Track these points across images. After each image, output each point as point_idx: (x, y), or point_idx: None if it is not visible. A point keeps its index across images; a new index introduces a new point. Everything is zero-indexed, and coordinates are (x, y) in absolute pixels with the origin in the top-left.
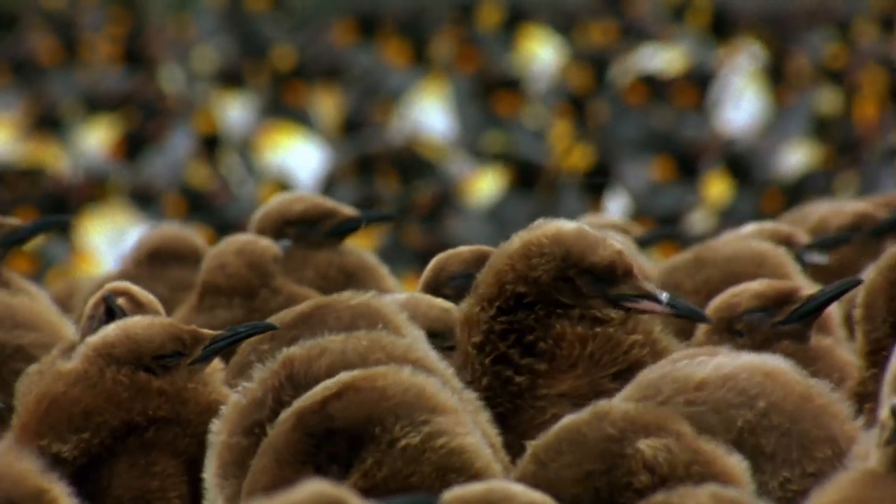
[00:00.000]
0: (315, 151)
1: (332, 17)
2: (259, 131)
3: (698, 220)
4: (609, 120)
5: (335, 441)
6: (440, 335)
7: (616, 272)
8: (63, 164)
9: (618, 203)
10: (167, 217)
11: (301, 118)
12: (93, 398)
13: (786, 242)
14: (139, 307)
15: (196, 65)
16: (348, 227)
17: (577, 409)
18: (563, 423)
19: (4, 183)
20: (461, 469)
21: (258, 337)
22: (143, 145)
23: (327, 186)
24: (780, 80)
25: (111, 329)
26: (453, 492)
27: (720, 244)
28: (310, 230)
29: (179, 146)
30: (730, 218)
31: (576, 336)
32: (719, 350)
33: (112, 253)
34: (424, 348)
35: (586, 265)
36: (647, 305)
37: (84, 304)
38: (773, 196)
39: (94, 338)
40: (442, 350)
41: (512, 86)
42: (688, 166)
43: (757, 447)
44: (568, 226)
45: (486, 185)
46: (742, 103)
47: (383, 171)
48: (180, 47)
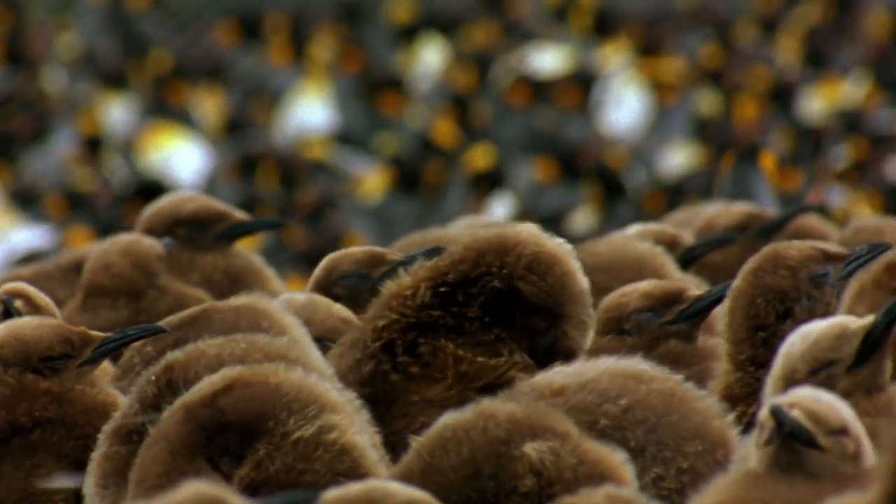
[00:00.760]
0: (197, 152)
1: (215, 18)
2: (141, 132)
3: (580, 221)
4: (492, 120)
5: (228, 434)
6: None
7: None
8: None
9: (502, 203)
10: (49, 218)
11: (183, 119)
12: None
13: (671, 243)
14: (36, 309)
15: (78, 65)
16: (240, 231)
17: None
18: (448, 422)
19: None
20: (352, 465)
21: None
22: (23, 146)
23: (209, 187)
24: (662, 82)
25: None
26: (333, 492)
27: (599, 245)
28: (200, 231)
29: (61, 147)
30: (612, 219)
31: (454, 355)
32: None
33: None
34: (305, 349)
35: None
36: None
37: None
38: (655, 197)
39: None
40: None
41: (395, 86)
42: (571, 167)
43: (622, 442)
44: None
45: (371, 186)
46: (624, 104)
47: (266, 172)
48: (62, 47)
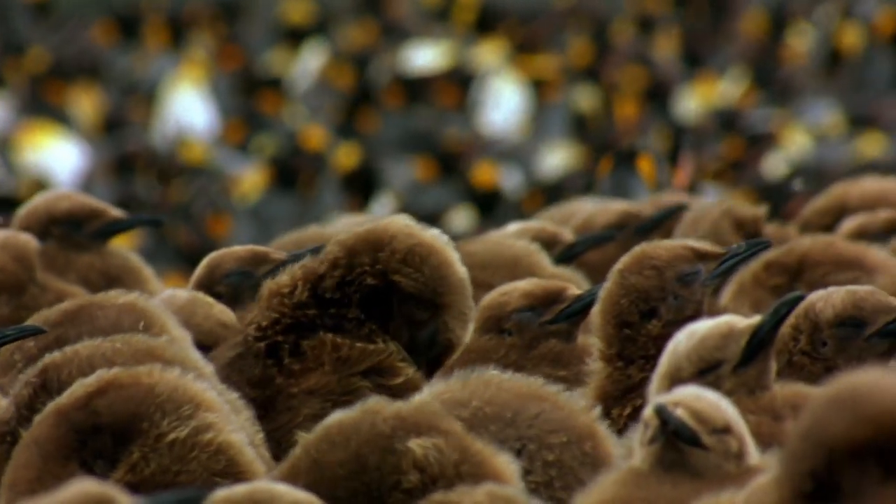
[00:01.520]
0: (74, 150)
1: (93, 16)
2: (18, 130)
3: (460, 219)
4: (371, 119)
5: (101, 436)
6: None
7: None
8: None
9: (381, 202)
10: None
11: (60, 117)
12: None
13: (551, 241)
14: None
15: None
16: (115, 229)
17: (329, 408)
18: (334, 420)
19: None
20: (228, 465)
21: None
22: None
23: (86, 185)
24: (540, 80)
25: None
26: (218, 493)
27: (475, 244)
28: (75, 229)
29: None
30: (492, 217)
31: (332, 343)
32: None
33: None
34: (184, 348)
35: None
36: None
37: None
38: (534, 195)
39: None
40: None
41: (274, 85)
42: (450, 166)
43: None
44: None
45: (248, 185)
46: (502, 103)
47: (143, 170)
48: None
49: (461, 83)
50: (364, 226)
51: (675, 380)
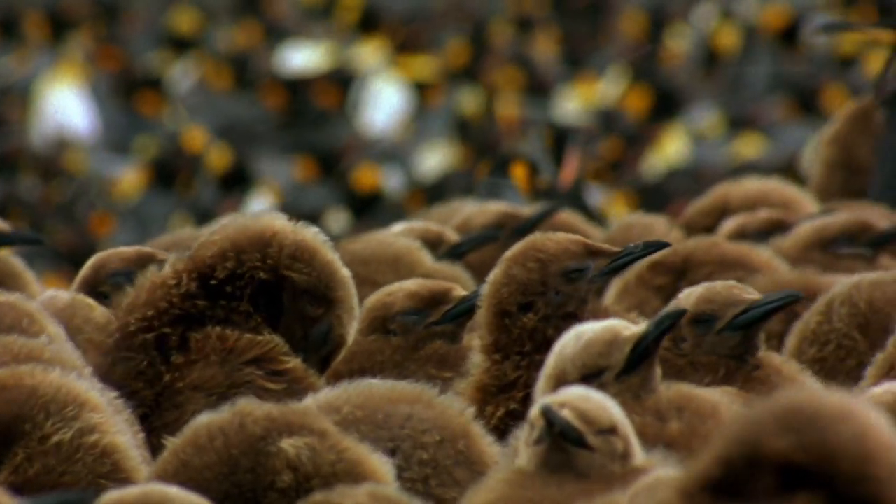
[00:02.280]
0: None
1: None
2: None
3: (339, 220)
4: (252, 119)
5: None
6: None
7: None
8: None
9: (260, 202)
10: None
11: None
12: None
13: (436, 241)
14: None
15: None
16: None
17: (215, 403)
18: (203, 421)
19: None
20: (113, 468)
21: None
22: None
23: None
24: (420, 80)
25: None
26: (110, 494)
27: (356, 243)
28: None
29: None
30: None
31: (219, 336)
32: None
33: None
34: (60, 348)
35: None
36: None
37: None
38: (416, 195)
39: None
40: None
41: (154, 85)
42: (330, 166)
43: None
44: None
45: (128, 185)
46: (382, 103)
47: (22, 170)
48: None
49: (342, 83)
50: (243, 223)
51: (561, 382)
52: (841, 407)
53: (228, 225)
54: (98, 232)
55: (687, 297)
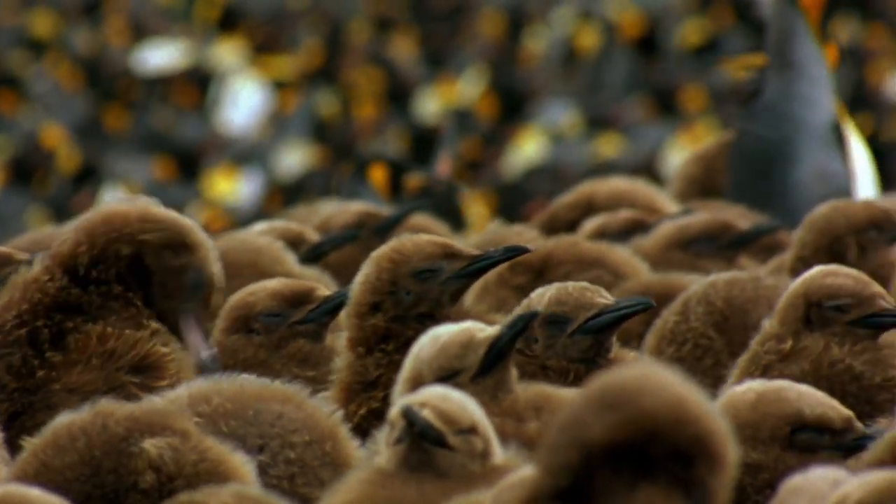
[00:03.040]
0: None
1: None
2: None
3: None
4: (106, 118)
5: None
6: None
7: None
8: None
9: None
10: None
11: None
12: None
13: (297, 240)
14: None
15: None
16: None
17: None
18: (63, 422)
19: None
20: None
21: None
22: None
23: None
24: (279, 80)
25: None
26: None
27: (217, 241)
28: None
29: None
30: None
31: (99, 336)
32: None
33: None
34: None
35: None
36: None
37: None
38: (274, 195)
39: None
40: None
41: (11, 84)
42: (188, 165)
43: (216, 433)
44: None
45: None
46: (240, 102)
47: None
48: None
49: (200, 82)
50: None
51: (418, 384)
52: (649, 377)
53: (77, 219)
54: None
55: (539, 298)
